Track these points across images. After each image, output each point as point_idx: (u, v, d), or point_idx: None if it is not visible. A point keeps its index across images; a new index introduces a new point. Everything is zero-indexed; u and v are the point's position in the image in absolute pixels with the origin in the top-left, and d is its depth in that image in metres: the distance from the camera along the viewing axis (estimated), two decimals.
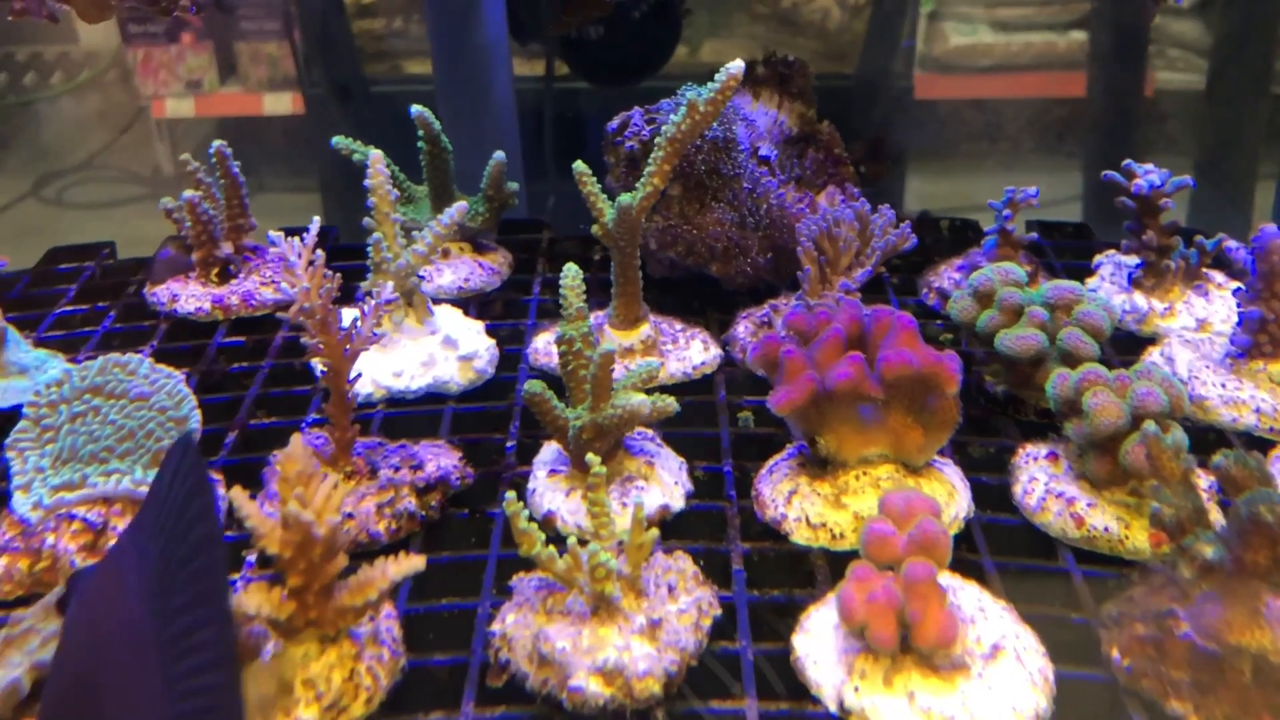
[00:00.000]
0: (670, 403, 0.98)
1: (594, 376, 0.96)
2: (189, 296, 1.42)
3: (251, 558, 0.98)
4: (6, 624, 0.84)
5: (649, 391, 0.99)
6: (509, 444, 1.14)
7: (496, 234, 1.57)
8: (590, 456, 0.87)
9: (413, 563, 0.79)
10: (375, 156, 1.32)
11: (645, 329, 1.29)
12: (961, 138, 2.53)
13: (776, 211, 1.44)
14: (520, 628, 0.82)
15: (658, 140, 1.24)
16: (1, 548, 0.97)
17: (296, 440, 0.82)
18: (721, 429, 1.16)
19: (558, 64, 2.25)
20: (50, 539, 0.96)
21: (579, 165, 1.28)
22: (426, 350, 1.26)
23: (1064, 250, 1.56)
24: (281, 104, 2.65)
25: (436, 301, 1.37)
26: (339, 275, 1.03)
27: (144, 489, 0.99)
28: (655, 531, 0.82)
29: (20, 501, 0.99)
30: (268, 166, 2.61)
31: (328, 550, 0.78)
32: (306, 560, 0.78)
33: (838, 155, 1.59)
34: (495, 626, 0.84)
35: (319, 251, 1.02)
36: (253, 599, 0.77)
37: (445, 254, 1.52)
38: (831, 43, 2.56)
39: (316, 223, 1.04)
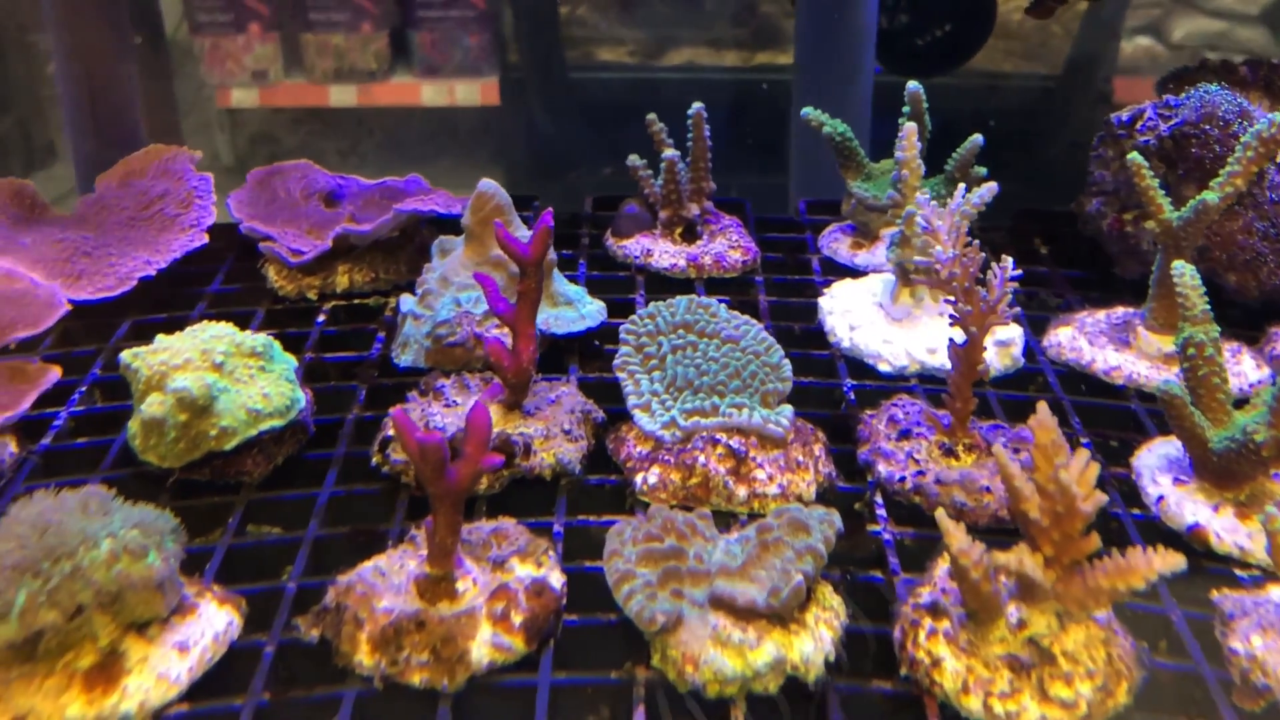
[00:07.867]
0: None
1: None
2: (662, 253, 1.40)
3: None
4: (758, 530, 0.84)
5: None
6: (1084, 440, 1.08)
7: None
8: None
9: (1175, 559, 0.74)
10: (909, 129, 1.27)
11: None
12: None
13: None
14: (1272, 653, 0.76)
15: (1245, 139, 1.15)
16: (647, 458, 0.97)
17: (1043, 408, 0.79)
18: None
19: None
20: (700, 458, 0.96)
21: (1135, 156, 1.20)
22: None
23: None
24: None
25: None
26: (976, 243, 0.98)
27: (771, 426, 0.98)
28: None
29: (645, 420, 0.99)
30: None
31: (1085, 526, 0.74)
32: (1062, 532, 0.74)
33: None
34: (1236, 644, 0.78)
35: (959, 219, 0.97)
36: (1026, 559, 0.74)
37: (878, 237, 1.47)
38: (1023, 41, 2.42)
39: (990, 188, 1.00)
